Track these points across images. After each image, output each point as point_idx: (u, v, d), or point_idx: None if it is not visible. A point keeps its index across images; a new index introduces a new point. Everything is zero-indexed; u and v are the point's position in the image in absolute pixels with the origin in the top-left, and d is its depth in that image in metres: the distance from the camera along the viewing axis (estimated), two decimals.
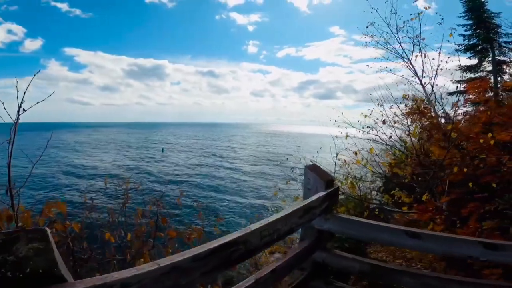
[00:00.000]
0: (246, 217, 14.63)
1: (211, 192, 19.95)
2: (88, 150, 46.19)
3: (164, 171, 27.70)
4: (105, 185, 3.14)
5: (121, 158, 36.12)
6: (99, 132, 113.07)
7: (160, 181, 22.49)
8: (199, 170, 27.78)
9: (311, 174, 2.13)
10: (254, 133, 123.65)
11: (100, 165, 30.78)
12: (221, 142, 66.53)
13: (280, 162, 8.40)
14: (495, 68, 10.51)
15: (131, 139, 72.72)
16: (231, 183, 22.48)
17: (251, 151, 46.87)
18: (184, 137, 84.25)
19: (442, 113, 5.64)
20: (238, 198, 18.72)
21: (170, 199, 16.36)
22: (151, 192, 19.13)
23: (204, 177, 24.50)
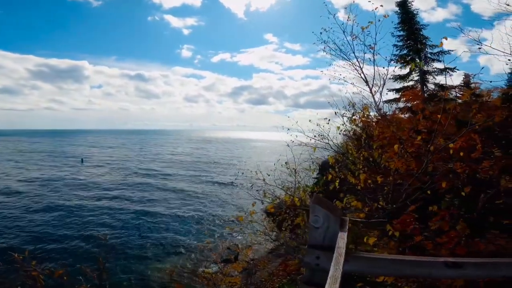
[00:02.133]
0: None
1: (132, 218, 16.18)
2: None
3: (80, 189, 23.69)
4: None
5: (24, 172, 29.44)
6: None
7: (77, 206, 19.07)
8: (121, 187, 24.38)
9: (321, 211, 1.81)
10: (189, 140, 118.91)
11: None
12: (150, 151, 61.51)
13: (236, 179, 7.75)
14: (421, 77, 11.94)
15: (38, 149, 61.02)
16: (160, 205, 19.00)
17: (184, 162, 44.47)
18: (105, 146, 75.10)
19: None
20: (166, 223, 15.65)
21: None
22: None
23: (126, 197, 20.96)
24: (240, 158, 48.76)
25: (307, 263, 1.89)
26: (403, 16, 12.75)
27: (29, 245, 11.74)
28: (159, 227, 14.78)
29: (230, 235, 13.60)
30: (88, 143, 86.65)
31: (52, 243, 12.46)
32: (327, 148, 6.63)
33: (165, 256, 11.63)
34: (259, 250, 10.87)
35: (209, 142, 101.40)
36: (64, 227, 14.37)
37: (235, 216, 11.01)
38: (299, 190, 5.88)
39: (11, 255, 2.87)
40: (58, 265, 9.43)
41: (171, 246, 12.51)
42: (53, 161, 40.76)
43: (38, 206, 17.73)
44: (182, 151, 62.35)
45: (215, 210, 18.06)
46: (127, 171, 32.36)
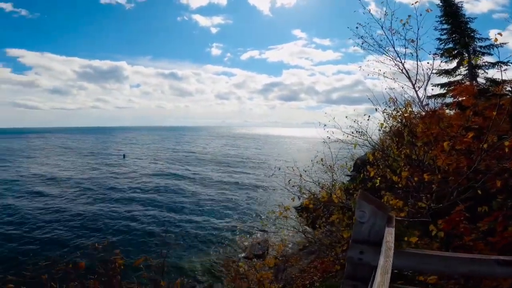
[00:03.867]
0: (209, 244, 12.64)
1: (173, 213, 17.00)
2: (38, 157, 41.10)
3: (124, 183, 25.55)
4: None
5: (78, 166, 32.59)
6: (47, 138, 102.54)
7: (121, 198, 20.58)
8: (161, 181, 25.88)
9: (367, 206, 1.83)
10: (221, 136, 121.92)
11: (56, 173, 27.26)
12: (185, 147, 64.13)
13: (273, 174, 7.97)
14: (470, 72, 11.09)
15: (86, 146, 66.88)
16: (196, 198, 19.89)
17: (218, 157, 45.68)
18: (146, 142, 79.91)
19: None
20: (205, 217, 16.46)
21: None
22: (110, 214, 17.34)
23: (166, 190, 22.37)
24: (273, 154, 48.87)
25: (350, 257, 1.94)
26: (446, 9, 11.91)
27: (92, 235, 13.07)
28: (196, 220, 15.50)
29: (263, 230, 13.84)
30: (128, 140, 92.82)
31: (108, 231, 13.69)
32: (365, 144, 6.47)
33: (202, 249, 12.18)
34: (291, 246, 10.94)
35: (241, 139, 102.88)
36: (112, 217, 15.68)
37: (269, 211, 11.19)
38: (335, 187, 5.82)
39: (93, 244, 3.17)
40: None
41: (207, 240, 13.09)
42: (99, 157, 44.35)
43: (91, 199, 19.53)
44: (215, 147, 64.13)
45: (249, 205, 18.48)
46: (164, 166, 34.14)
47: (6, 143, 76.28)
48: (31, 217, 15.17)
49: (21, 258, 10.53)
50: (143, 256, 2.80)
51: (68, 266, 2.55)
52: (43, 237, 12.77)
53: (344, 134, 6.44)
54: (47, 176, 26.85)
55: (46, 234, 13.06)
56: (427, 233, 3.56)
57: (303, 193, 5.90)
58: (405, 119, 5.25)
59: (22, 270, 2.57)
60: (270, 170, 24.22)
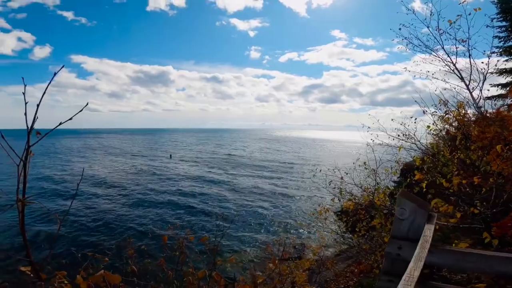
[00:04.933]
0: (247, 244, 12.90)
1: (219, 207, 18.44)
2: (96, 156, 46.37)
3: (171, 181, 27.37)
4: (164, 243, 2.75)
5: (133, 163, 35.95)
6: (107, 138, 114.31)
7: (168, 193, 22.12)
8: (202, 180, 27.19)
9: (408, 203, 1.89)
10: (260, 139, 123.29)
11: (108, 172, 30.52)
12: (225, 149, 66.19)
13: (314, 175, 8.00)
14: None
15: (139, 145, 73.18)
16: (234, 199, 20.62)
17: (256, 159, 46.26)
18: (189, 144, 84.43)
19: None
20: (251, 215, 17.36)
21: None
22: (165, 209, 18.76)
23: (207, 189, 23.51)
24: (312, 158, 48.05)
25: (388, 253, 2.01)
26: (503, 5, 10.82)
27: (157, 220, 14.53)
28: (232, 219, 15.99)
29: (300, 232, 13.82)
30: (175, 141, 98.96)
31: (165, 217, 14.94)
32: (413, 148, 6.17)
33: (239, 247, 12.53)
34: (329, 250, 10.74)
35: (280, 141, 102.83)
36: (163, 210, 17.00)
37: (307, 213, 11.12)
38: (378, 191, 5.64)
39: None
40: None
41: (244, 239, 13.44)
42: (149, 156, 48.09)
43: (151, 191, 21.40)
44: (253, 149, 65.13)
45: (286, 207, 18.53)
46: (207, 166, 35.76)
47: (77, 141, 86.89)
48: (101, 207, 17.15)
49: (103, 239, 12.15)
50: (205, 235, 3.18)
51: (141, 247, 3.00)
52: (116, 223, 14.44)
53: (389, 137, 6.23)
54: (113, 172, 30.06)
55: (115, 222, 14.71)
56: (480, 242, 3.35)
57: (344, 195, 5.84)
58: (458, 122, 4.93)
59: (106, 250, 3.04)
60: (309, 173, 24.10)
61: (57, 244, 11.42)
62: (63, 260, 9.28)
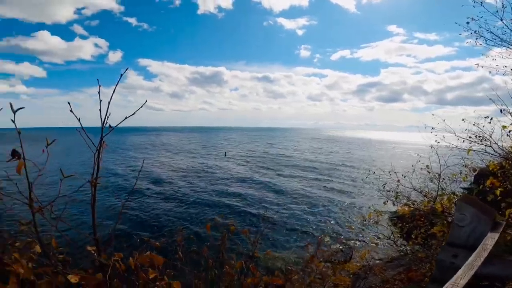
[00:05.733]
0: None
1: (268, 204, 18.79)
2: (156, 152, 51.34)
3: (225, 177, 28.64)
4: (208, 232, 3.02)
5: (189, 160, 38.85)
6: (167, 136, 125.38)
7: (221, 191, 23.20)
8: (254, 178, 27.78)
9: (469, 209, 1.74)
10: (312, 138, 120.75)
11: (173, 168, 33.47)
12: (276, 147, 66.44)
13: (367, 177, 7.64)
14: None
15: (196, 143, 78.49)
16: (282, 198, 20.45)
17: (306, 158, 45.40)
18: (242, 142, 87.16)
19: None
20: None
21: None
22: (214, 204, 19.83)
23: (261, 186, 24.05)
24: (366, 159, 45.16)
25: (441, 260, 1.85)
26: None
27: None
28: (279, 218, 15.99)
29: (348, 235, 13.23)
30: (228, 139, 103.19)
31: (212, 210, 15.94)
32: (488, 152, 5.39)
33: (283, 246, 12.46)
34: (378, 256, 10.04)
35: (333, 141, 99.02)
36: (214, 203, 17.99)
37: (357, 216, 10.57)
38: (442, 197, 5.05)
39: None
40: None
41: (289, 238, 13.36)
42: (206, 153, 51.15)
43: (204, 187, 22.93)
44: (304, 148, 64.02)
45: (334, 207, 17.95)
46: (257, 165, 36.43)
47: (142, 138, 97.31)
48: (157, 199, 19.01)
49: (158, 227, 13.56)
50: (245, 228, 3.35)
51: (189, 236, 3.31)
52: (169, 214, 15.90)
53: (458, 139, 5.55)
54: (170, 167, 33.03)
55: (169, 213, 16.18)
56: None
57: (400, 199, 5.41)
58: None
59: (159, 236, 3.41)
60: (361, 175, 22.80)
61: (118, 229, 12.95)
62: (124, 244, 10.52)
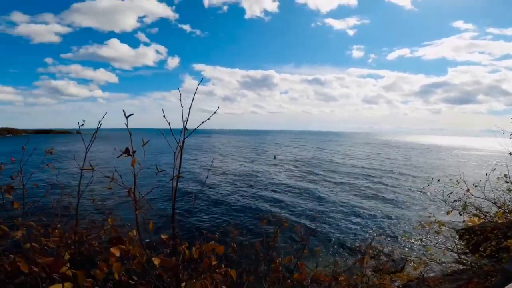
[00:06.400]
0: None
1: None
2: (213, 153, 54.33)
3: (274, 181, 28.98)
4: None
5: (237, 163, 40.35)
6: (220, 138, 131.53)
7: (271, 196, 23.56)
8: (304, 181, 27.46)
9: None
10: (366, 143, 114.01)
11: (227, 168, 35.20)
12: (326, 152, 64.39)
13: (428, 185, 7.18)
14: None
15: (246, 146, 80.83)
16: (333, 204, 19.48)
17: (359, 165, 43.06)
18: (292, 145, 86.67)
19: None
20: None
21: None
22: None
23: (308, 191, 23.58)
24: (430, 166, 40.83)
25: (506, 270, 1.79)
26: None
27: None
28: (330, 224, 15.54)
29: (401, 242, 12.27)
30: (279, 142, 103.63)
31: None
32: None
33: (332, 252, 12.11)
34: (436, 268, 9.10)
35: (391, 146, 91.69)
36: (259, 207, 18.41)
37: (414, 224, 9.73)
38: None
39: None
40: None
41: (335, 238, 13.10)
42: (256, 156, 52.35)
43: (256, 188, 23.68)
44: (359, 154, 60.62)
45: (388, 214, 16.80)
46: (308, 168, 35.96)
47: (195, 140, 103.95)
48: (215, 197, 20.24)
49: (216, 222, 14.55)
50: (297, 224, 3.55)
51: (244, 231, 3.61)
52: (228, 210, 16.86)
53: None
54: (227, 167, 34.79)
55: (227, 209, 17.14)
56: None
57: (468, 209, 4.95)
58: None
59: (217, 230, 3.77)
60: (422, 183, 20.88)
61: (186, 222, 14.22)
62: (189, 234, 11.52)
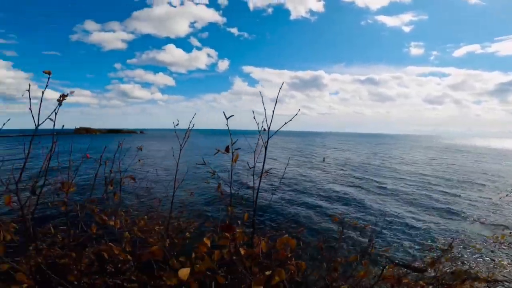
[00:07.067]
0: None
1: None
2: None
3: (323, 183, 28.69)
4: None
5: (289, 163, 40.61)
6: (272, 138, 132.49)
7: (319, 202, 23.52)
8: (356, 186, 26.58)
9: None
10: (428, 147, 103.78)
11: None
12: (379, 156, 60.43)
13: (507, 194, 6.71)
14: None
15: (296, 146, 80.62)
16: (389, 212, 18.25)
17: (418, 172, 39.70)
18: (341, 148, 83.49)
19: None
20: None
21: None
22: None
23: (360, 194, 23.01)
24: (508, 175, 35.60)
25: None
26: None
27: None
28: (386, 224, 14.99)
29: (468, 253, 11.26)
30: (328, 144, 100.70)
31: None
32: None
33: (394, 247, 11.82)
34: (506, 285, 8.25)
35: (458, 151, 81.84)
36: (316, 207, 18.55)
37: (487, 235, 8.89)
38: None
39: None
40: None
41: (400, 242, 12.55)
42: (304, 157, 52.03)
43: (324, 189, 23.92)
44: (420, 159, 55.55)
45: (454, 223, 15.44)
46: (358, 172, 34.58)
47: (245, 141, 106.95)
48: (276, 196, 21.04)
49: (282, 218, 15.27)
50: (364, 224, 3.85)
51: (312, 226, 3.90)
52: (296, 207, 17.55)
53: None
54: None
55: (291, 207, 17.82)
56: None
57: None
58: None
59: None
60: (497, 193, 18.81)
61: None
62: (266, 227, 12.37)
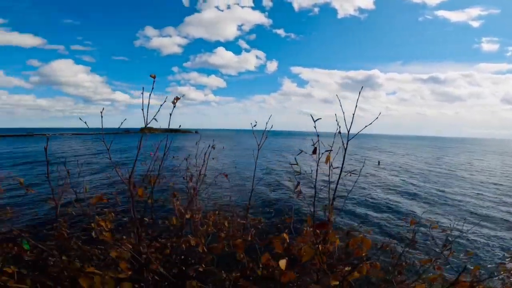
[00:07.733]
0: None
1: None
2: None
3: (378, 188, 28.52)
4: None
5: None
6: (323, 140, 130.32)
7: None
8: (411, 194, 25.90)
9: None
10: (503, 152, 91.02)
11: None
12: (446, 162, 55.47)
13: None
14: None
15: (350, 149, 78.17)
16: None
17: (497, 181, 36.05)
18: (398, 152, 78.43)
19: None
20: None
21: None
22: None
23: (407, 208, 22.50)
24: None
25: None
26: None
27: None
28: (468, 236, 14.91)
29: None
30: (383, 148, 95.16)
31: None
32: None
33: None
34: None
35: None
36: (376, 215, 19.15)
37: None
38: None
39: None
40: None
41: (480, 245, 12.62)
42: (359, 161, 50.90)
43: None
44: (494, 167, 49.31)
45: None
46: (415, 180, 33.03)
47: (289, 141, 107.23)
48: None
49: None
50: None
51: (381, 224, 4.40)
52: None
53: None
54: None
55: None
56: None
57: None
58: None
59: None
60: None
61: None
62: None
